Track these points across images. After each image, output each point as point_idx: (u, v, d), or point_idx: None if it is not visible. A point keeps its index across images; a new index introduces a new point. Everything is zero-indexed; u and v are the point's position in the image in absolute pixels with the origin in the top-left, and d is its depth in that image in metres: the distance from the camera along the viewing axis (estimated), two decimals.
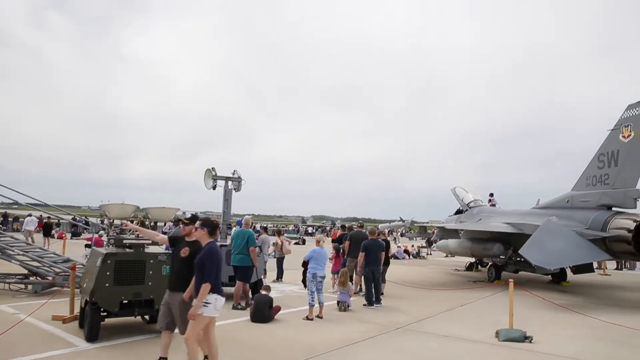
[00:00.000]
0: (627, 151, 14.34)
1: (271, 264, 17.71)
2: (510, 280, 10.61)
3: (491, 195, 24.03)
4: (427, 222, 26.85)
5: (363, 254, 12.70)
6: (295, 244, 49.39)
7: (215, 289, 6.03)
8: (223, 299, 6.28)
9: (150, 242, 8.88)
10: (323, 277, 11.01)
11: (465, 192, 25.02)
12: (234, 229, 17.82)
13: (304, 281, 13.66)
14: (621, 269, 27.97)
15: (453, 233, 21.21)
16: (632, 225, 13.51)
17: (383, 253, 12.99)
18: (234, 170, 14.85)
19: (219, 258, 6.17)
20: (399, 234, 58.70)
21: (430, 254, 35.21)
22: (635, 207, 14.08)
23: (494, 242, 17.89)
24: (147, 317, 9.32)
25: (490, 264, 19.87)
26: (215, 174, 14.37)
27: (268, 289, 11.11)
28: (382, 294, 14.58)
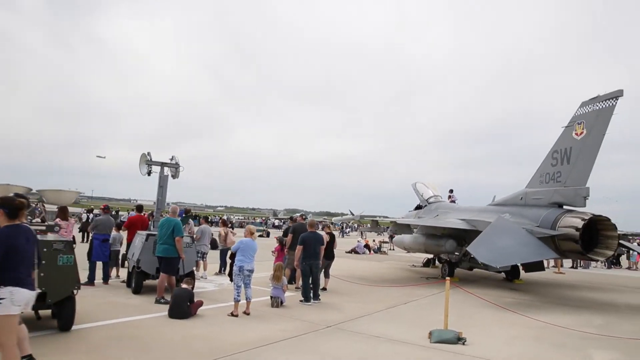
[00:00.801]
0: (579, 149, 14.01)
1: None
2: (447, 278, 10.13)
3: (451, 191, 23.69)
4: (378, 217, 25.99)
5: (300, 248, 11.99)
6: (260, 236, 48.65)
7: (11, 281, 5.05)
8: (25, 292, 5.20)
9: (44, 228, 7.93)
10: (251, 271, 10.23)
11: (425, 187, 24.63)
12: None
13: (230, 274, 12.86)
14: (576, 268, 28.18)
15: (406, 228, 20.76)
16: (580, 223, 13.18)
17: (322, 247, 12.29)
18: (172, 156, 13.89)
19: (10, 243, 5.12)
20: (348, 228, 58.10)
21: (392, 249, 34.84)
22: (584, 206, 13.77)
23: (447, 239, 17.45)
24: (40, 312, 8.39)
25: (443, 260, 19.48)
26: (150, 159, 13.39)
27: (190, 282, 10.27)
28: (325, 289, 13.98)
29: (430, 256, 23.05)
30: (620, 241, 15.17)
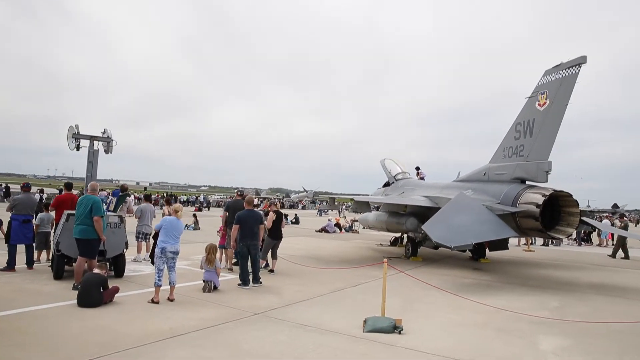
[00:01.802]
0: (541, 120, 13.19)
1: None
2: (385, 259, 9.28)
3: (417, 168, 22.85)
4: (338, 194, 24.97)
5: (236, 227, 11.06)
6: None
7: None
8: None
9: None
10: (175, 253, 9.26)
11: (394, 164, 23.80)
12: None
13: (152, 256, 11.89)
14: (547, 245, 27.82)
15: (365, 206, 19.95)
16: (540, 199, 12.45)
17: (261, 226, 11.36)
18: (104, 129, 12.72)
19: None
20: (325, 206, 57.06)
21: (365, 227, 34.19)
22: (546, 181, 13.03)
23: (408, 217, 16.68)
24: None
25: (406, 239, 18.76)
26: (77, 132, 12.21)
27: (103, 266, 9.27)
28: (273, 271, 13.18)
29: (398, 235, 22.38)
30: (583, 218, 14.52)
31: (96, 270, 8.95)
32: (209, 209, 62.38)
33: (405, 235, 21.71)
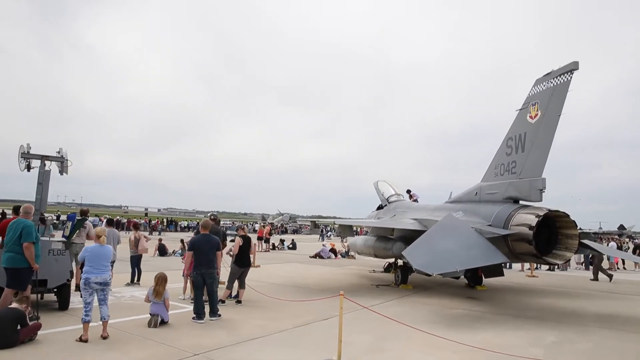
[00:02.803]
0: (533, 134, 12.06)
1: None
2: (341, 292, 8.05)
3: (408, 191, 21.69)
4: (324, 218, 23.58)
5: (190, 253, 9.95)
6: (231, 241, 46.60)
7: None
8: None
9: None
10: (102, 284, 8.11)
11: (387, 186, 22.70)
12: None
13: (78, 286, 10.71)
14: (553, 270, 26.12)
15: (349, 230, 18.74)
16: (533, 220, 11.20)
17: (219, 252, 10.23)
18: (60, 149, 11.80)
19: None
20: (330, 231, 55.54)
21: None
22: (540, 200, 11.80)
23: (395, 241, 15.44)
24: None
25: (396, 265, 17.47)
26: (28, 151, 11.29)
27: (23, 300, 8.15)
28: (240, 301, 11.99)
29: (392, 260, 21.05)
30: (584, 241, 13.19)
31: (14, 305, 7.83)
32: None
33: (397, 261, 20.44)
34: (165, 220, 70.95)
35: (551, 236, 12.07)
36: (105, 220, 15.71)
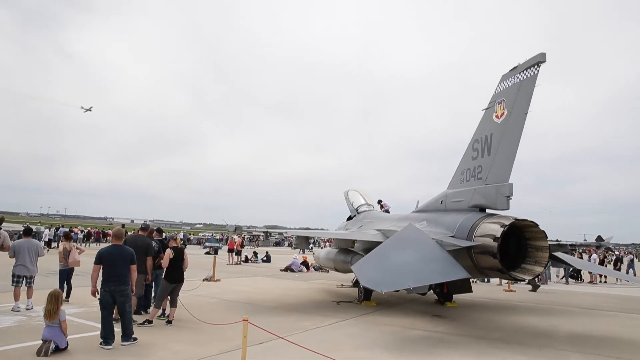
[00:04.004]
0: (500, 134, 10.93)
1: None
2: (244, 318, 6.76)
3: (379, 202, 20.48)
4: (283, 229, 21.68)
5: (97, 267, 8.56)
6: (207, 253, 44.85)
7: None
8: None
9: None
10: None
11: (358, 195, 21.49)
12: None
13: None
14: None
15: (304, 241, 17.43)
16: (498, 231, 10.00)
17: (133, 266, 8.84)
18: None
19: None
20: (327, 243, 54.34)
21: None
22: (507, 208, 10.62)
23: (355, 254, 14.15)
24: None
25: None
26: None
27: None
28: (170, 322, 10.58)
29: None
30: (555, 254, 12.04)
31: None
32: (185, 247, 59.36)
33: None
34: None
35: (520, 249, 10.90)
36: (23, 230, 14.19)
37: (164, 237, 13.72)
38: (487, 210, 11.47)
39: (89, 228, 62.44)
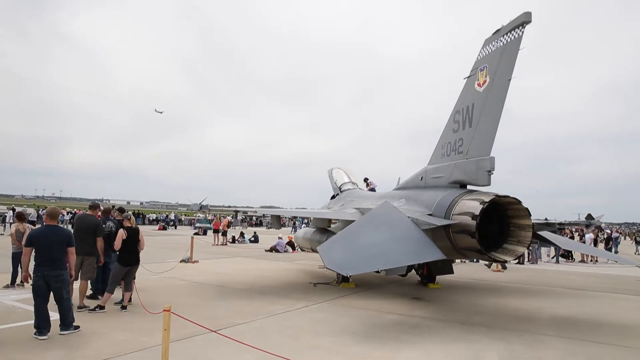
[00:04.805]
0: (482, 104, 10.04)
1: None
2: (165, 308, 5.98)
3: (365, 180, 19.63)
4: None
5: (28, 250, 7.74)
6: (195, 234, 44.07)
7: None
8: None
9: None
10: None
11: (342, 174, 20.66)
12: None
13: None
14: (522, 263, 24.44)
15: (276, 221, 16.64)
16: (477, 208, 9.20)
17: (71, 249, 8.03)
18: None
19: None
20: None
21: None
22: (489, 184, 9.81)
23: (330, 234, 13.39)
24: None
25: None
26: None
27: None
28: (125, 307, 9.83)
29: None
30: (540, 232, 11.29)
31: None
32: (175, 228, 58.72)
33: None
34: (132, 213, 67.77)
35: (503, 228, 10.13)
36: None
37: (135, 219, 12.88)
38: (469, 187, 10.66)
39: (76, 209, 61.54)
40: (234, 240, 35.17)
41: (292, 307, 10.88)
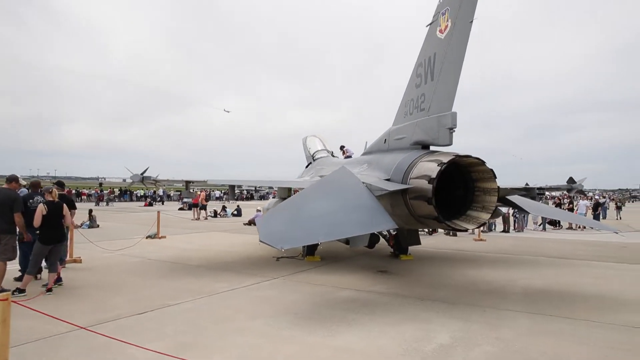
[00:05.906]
0: (443, 53, 8.83)
1: None
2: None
3: (342, 147, 18.50)
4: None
5: None
6: (180, 209, 43.11)
7: None
8: None
9: None
10: None
11: (317, 141, 19.61)
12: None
13: None
14: (507, 231, 23.60)
15: (231, 191, 15.59)
16: (434, 170, 8.11)
17: None
18: None
19: None
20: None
21: None
22: (450, 143, 8.71)
23: None
24: None
25: None
26: None
27: None
28: (51, 290, 8.89)
29: None
30: (509, 197, 10.26)
31: None
32: (162, 203, 57.72)
33: None
34: (119, 189, 66.77)
35: (468, 193, 9.09)
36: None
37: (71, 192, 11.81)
38: (431, 148, 9.56)
39: (68, 188, 60.35)
40: (216, 214, 34.28)
41: (240, 285, 9.95)
